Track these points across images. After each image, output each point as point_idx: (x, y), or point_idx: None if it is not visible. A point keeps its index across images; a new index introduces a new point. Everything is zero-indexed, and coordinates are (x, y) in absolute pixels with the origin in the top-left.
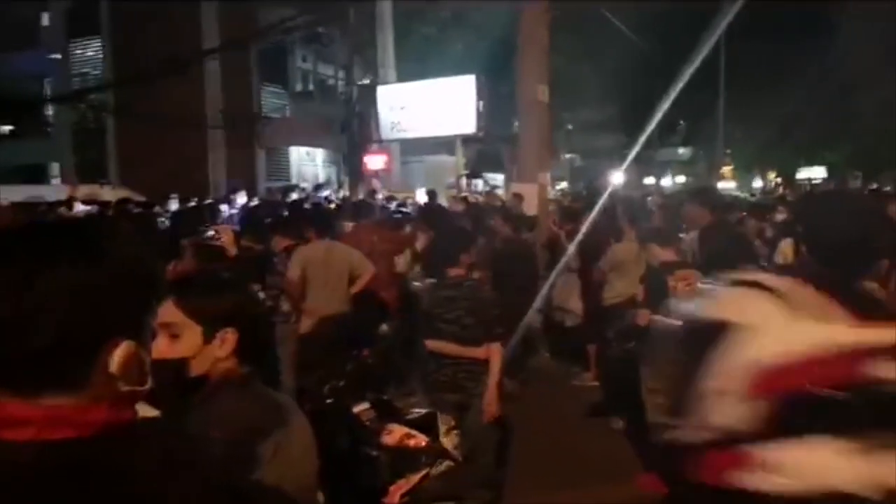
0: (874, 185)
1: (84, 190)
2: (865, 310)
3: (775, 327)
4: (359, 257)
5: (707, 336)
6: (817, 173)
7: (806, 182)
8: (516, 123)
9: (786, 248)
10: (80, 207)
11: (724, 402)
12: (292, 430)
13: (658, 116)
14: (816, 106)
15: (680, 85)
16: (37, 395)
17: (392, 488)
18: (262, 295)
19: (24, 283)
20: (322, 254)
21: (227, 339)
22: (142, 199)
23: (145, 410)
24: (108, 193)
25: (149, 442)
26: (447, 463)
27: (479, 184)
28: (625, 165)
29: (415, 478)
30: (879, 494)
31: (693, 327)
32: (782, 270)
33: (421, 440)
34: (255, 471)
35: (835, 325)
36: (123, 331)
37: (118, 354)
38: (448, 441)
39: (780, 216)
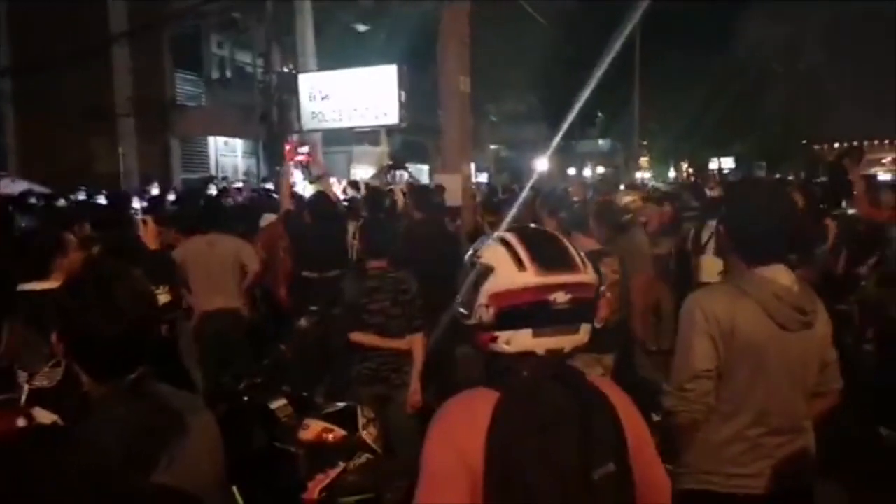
0: (777, 175)
1: None
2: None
3: (503, 269)
4: (247, 251)
5: (476, 269)
6: (726, 163)
7: (715, 171)
8: (440, 114)
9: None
10: None
11: (482, 307)
12: (190, 434)
13: (577, 109)
14: (725, 100)
15: (597, 78)
16: None
17: (310, 484)
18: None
19: None
20: (203, 247)
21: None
22: (45, 191)
23: (43, 416)
24: (7, 186)
25: (39, 451)
26: (366, 455)
27: (403, 175)
28: (547, 155)
29: (333, 472)
30: (549, 353)
31: (471, 262)
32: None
33: (339, 434)
34: (150, 478)
35: (528, 272)
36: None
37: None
38: (367, 434)
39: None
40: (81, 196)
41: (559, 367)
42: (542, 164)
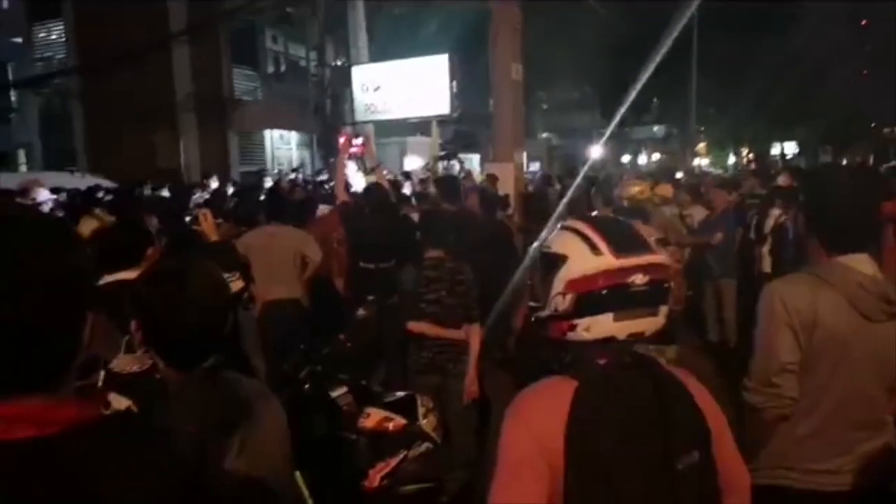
0: (843, 160)
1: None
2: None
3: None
4: (309, 242)
5: (548, 259)
6: (789, 148)
7: (778, 157)
8: (491, 103)
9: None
10: (45, 196)
11: (558, 297)
12: (260, 420)
13: (632, 95)
14: (788, 82)
15: (654, 63)
16: (15, 393)
17: (371, 471)
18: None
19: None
20: (265, 240)
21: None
22: (113, 185)
23: (118, 401)
24: (77, 181)
25: (115, 439)
26: (426, 445)
27: (455, 165)
28: (601, 143)
29: (393, 460)
30: (630, 337)
31: (541, 254)
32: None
33: (399, 423)
34: (222, 464)
35: (605, 256)
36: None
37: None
38: (427, 423)
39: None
40: (146, 190)
41: (635, 354)
42: (596, 151)
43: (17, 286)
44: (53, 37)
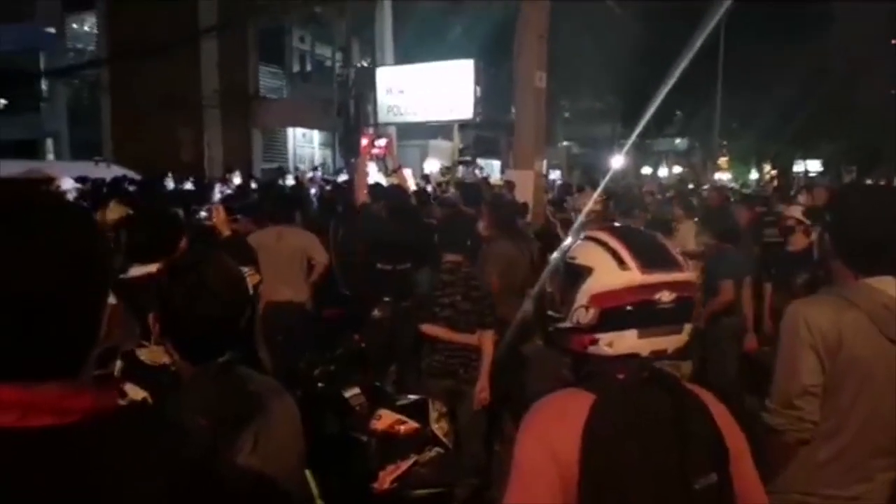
0: (867, 180)
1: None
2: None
3: (604, 269)
4: (315, 245)
5: (571, 270)
6: (813, 166)
7: (802, 175)
8: (513, 110)
9: None
10: (70, 185)
11: (581, 309)
12: (274, 417)
13: (654, 106)
14: (814, 99)
15: (677, 75)
16: (34, 380)
17: (381, 473)
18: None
19: (40, 263)
20: (272, 241)
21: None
22: (138, 177)
23: (134, 392)
24: (103, 171)
25: (130, 431)
26: (437, 450)
27: (473, 171)
28: (622, 153)
29: (404, 464)
30: (653, 354)
31: (564, 264)
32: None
33: (411, 426)
34: (235, 460)
35: (632, 271)
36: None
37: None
38: (439, 428)
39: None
40: (170, 183)
41: (654, 370)
42: (615, 161)
43: (37, 270)
44: (86, 28)
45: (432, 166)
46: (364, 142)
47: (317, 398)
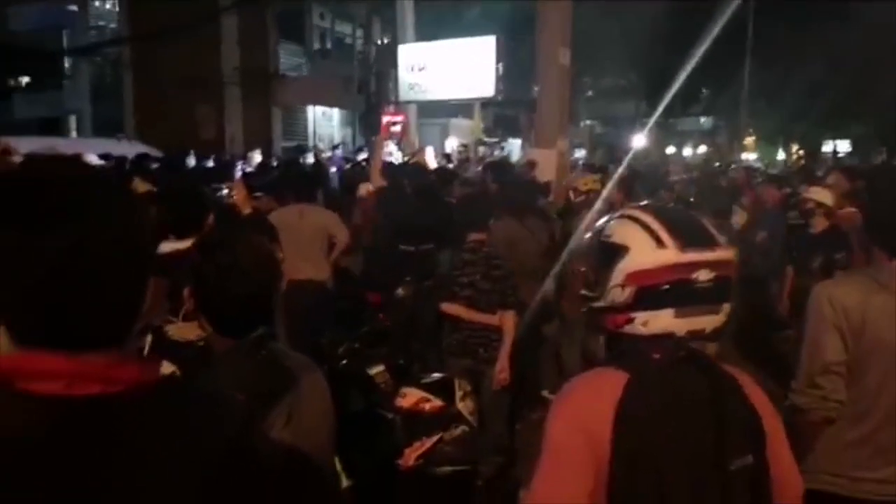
0: None
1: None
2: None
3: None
4: (336, 223)
5: (607, 249)
6: (842, 146)
7: (830, 155)
8: (536, 88)
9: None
10: (94, 161)
11: (616, 288)
12: (307, 393)
13: (680, 84)
14: (842, 77)
15: (701, 53)
16: (81, 350)
17: (407, 450)
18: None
19: (86, 237)
20: (294, 218)
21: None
22: (160, 154)
23: (165, 367)
24: (125, 148)
25: (173, 402)
26: (462, 428)
27: (492, 151)
28: (645, 132)
29: (429, 441)
30: (689, 334)
31: (599, 243)
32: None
33: (436, 404)
34: (271, 433)
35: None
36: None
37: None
38: (464, 406)
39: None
40: (192, 160)
41: (690, 350)
42: (638, 140)
43: (89, 240)
44: (108, 6)
45: (453, 144)
46: (384, 122)
47: (341, 375)
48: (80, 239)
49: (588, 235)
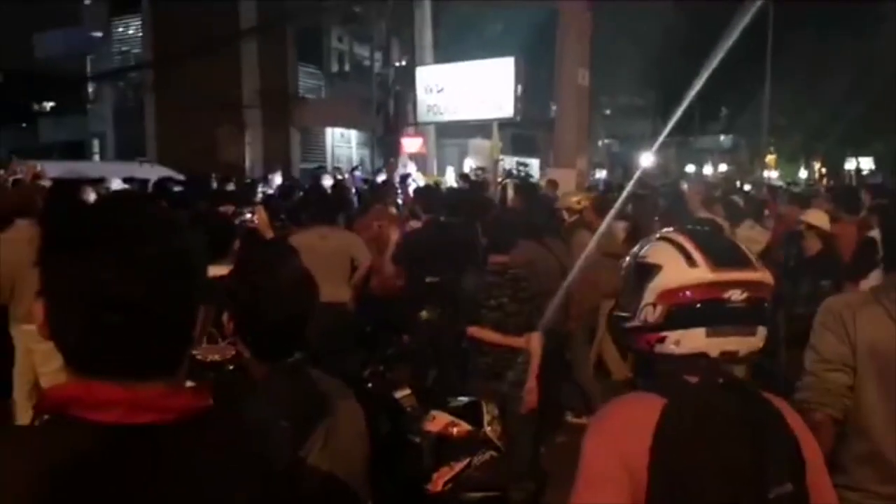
0: None
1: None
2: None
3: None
4: (358, 245)
5: (640, 269)
6: (865, 164)
7: (853, 172)
8: (553, 107)
9: None
10: (118, 185)
11: (648, 307)
12: (342, 418)
13: (695, 101)
14: (865, 94)
15: (719, 69)
16: (137, 380)
17: (435, 475)
18: None
19: (145, 264)
20: (315, 241)
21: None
22: (181, 177)
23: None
24: (147, 171)
25: (221, 429)
26: (490, 452)
27: (510, 170)
28: (653, 150)
29: (458, 466)
30: (722, 355)
31: (634, 263)
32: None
33: (464, 429)
34: (308, 457)
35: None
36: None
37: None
38: (492, 430)
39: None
40: (214, 184)
41: (729, 375)
42: (646, 158)
43: (145, 266)
44: (131, 32)
45: (471, 165)
46: (403, 142)
47: (367, 398)
48: (136, 265)
49: (626, 258)
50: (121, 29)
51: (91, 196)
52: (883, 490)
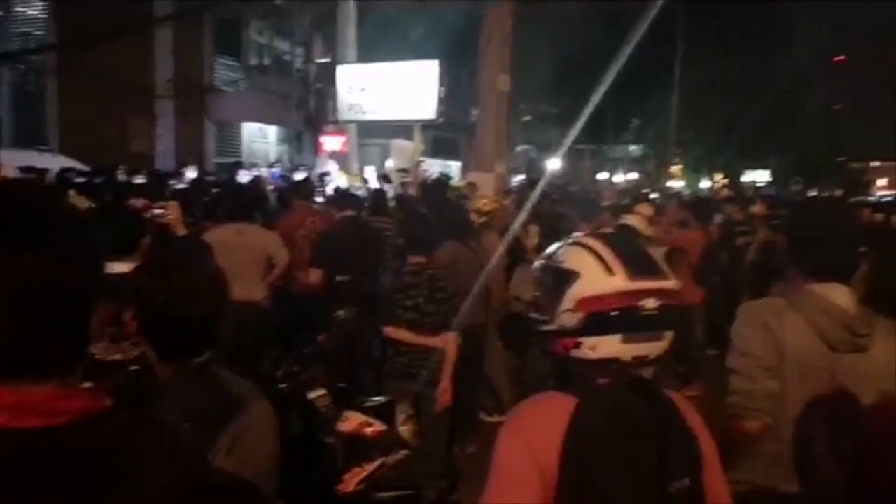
0: (815, 191)
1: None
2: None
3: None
4: (275, 243)
5: (557, 273)
6: (761, 177)
7: (750, 184)
8: (475, 111)
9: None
10: (14, 174)
11: (566, 313)
12: (251, 420)
13: (604, 111)
14: (762, 113)
15: (628, 83)
16: (26, 382)
17: (347, 476)
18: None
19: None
20: (230, 237)
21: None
22: (85, 168)
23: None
24: (48, 161)
25: (122, 432)
26: (403, 452)
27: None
28: (560, 154)
29: (370, 466)
30: (634, 360)
31: (551, 268)
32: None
33: (378, 428)
34: (214, 461)
35: (619, 277)
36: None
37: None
38: (406, 430)
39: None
40: (120, 175)
41: (635, 376)
42: (553, 163)
43: (35, 263)
44: (32, 12)
45: (391, 166)
46: (322, 139)
47: (280, 398)
48: (25, 262)
49: (540, 260)
50: (21, 8)
51: None
52: (789, 488)
